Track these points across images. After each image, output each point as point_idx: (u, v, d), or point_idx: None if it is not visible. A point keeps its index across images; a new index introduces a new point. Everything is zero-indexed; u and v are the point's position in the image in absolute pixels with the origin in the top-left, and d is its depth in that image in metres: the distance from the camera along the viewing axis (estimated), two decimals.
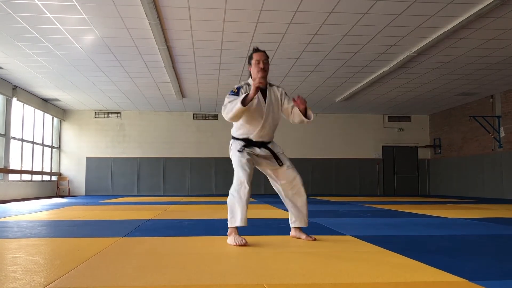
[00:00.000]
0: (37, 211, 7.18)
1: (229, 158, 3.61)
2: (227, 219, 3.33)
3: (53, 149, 14.98)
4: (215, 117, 15.87)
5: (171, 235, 3.90)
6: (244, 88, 3.47)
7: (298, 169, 3.70)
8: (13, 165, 11.90)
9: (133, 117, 15.74)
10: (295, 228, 3.64)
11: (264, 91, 3.53)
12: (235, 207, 3.28)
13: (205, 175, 15.64)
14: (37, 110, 13.40)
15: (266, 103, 3.50)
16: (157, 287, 2.04)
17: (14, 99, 11.72)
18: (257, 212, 6.73)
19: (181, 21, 7.27)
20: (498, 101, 12.71)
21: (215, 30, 7.64)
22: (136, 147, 15.63)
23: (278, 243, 3.42)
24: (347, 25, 7.44)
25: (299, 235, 3.61)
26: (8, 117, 11.56)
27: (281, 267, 2.50)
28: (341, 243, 3.47)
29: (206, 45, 8.48)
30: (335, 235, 3.98)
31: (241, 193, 3.27)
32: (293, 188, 3.59)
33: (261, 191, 15.45)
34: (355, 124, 16.38)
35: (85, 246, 3.26)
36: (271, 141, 3.65)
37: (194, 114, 15.87)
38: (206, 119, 15.87)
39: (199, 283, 2.11)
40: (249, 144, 3.49)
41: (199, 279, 2.19)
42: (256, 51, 3.53)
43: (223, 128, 15.62)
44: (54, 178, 14.99)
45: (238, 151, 3.43)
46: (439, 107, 14.97)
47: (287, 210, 3.71)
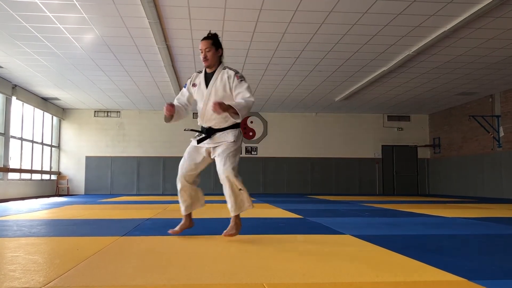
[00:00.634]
0: (36, 210, 7.17)
1: None
2: None
3: (53, 148, 14.97)
4: None
5: (170, 235, 3.89)
6: (192, 78, 3.75)
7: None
8: (13, 164, 11.89)
9: (132, 116, 15.73)
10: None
11: (211, 76, 3.66)
12: (180, 201, 3.78)
13: (204, 175, 15.59)
14: (36, 109, 13.39)
15: (208, 87, 3.60)
16: (157, 286, 2.04)
17: (13, 98, 11.71)
18: (257, 211, 6.73)
19: (180, 20, 7.26)
20: (497, 100, 12.71)
21: (214, 29, 7.61)
22: (135, 146, 15.62)
23: (277, 242, 3.42)
24: (347, 25, 7.44)
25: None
26: (7, 116, 11.55)
27: (281, 266, 2.50)
28: (341, 243, 3.47)
29: None
30: (334, 234, 3.98)
31: (179, 190, 3.76)
32: (220, 177, 3.59)
33: (260, 190, 15.45)
34: (355, 123, 16.38)
35: (84, 245, 3.26)
36: (224, 127, 3.55)
37: (194, 113, 15.84)
38: None
39: (198, 282, 2.11)
40: (201, 133, 3.65)
41: (198, 278, 2.18)
42: (202, 39, 3.67)
43: None
44: (53, 177, 14.99)
45: (187, 151, 3.78)
46: (439, 107, 14.97)
47: (286, 209, 3.71)
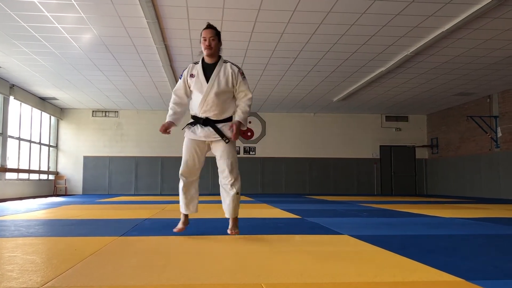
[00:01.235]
0: (34, 210, 7.16)
1: None
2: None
3: (51, 148, 14.95)
4: None
5: (169, 235, 3.89)
6: (188, 68, 3.67)
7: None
8: (10, 164, 11.87)
9: (130, 116, 15.72)
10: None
11: (211, 67, 3.60)
12: (180, 197, 3.74)
13: (203, 174, 15.58)
14: (34, 108, 13.36)
15: (210, 79, 3.55)
16: (155, 286, 2.03)
17: (11, 98, 11.68)
18: (255, 211, 6.73)
19: (179, 20, 7.26)
20: (495, 101, 12.74)
21: None
22: (133, 146, 15.61)
23: (276, 243, 3.42)
24: (345, 25, 7.44)
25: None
26: (5, 116, 11.52)
27: (279, 266, 2.50)
28: (339, 243, 3.47)
29: None
30: (332, 234, 3.98)
31: (181, 186, 3.70)
32: (220, 178, 3.66)
33: (258, 190, 15.45)
34: (353, 123, 16.39)
35: (82, 245, 3.26)
36: (222, 119, 3.61)
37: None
38: None
39: (197, 282, 2.11)
40: (195, 123, 3.62)
41: (197, 278, 2.18)
42: (205, 28, 3.63)
43: None
44: (51, 177, 14.96)
45: (185, 135, 3.69)
46: (437, 107, 15.00)
47: (285, 209, 3.72)
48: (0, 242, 3.44)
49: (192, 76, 3.65)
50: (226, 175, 3.59)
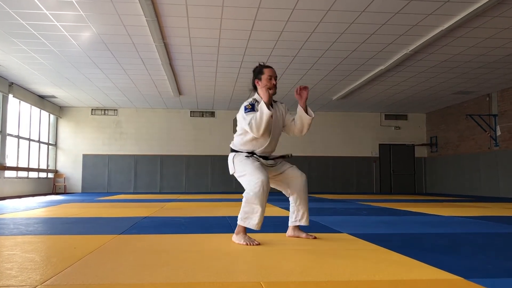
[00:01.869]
0: (33, 208, 7.16)
1: (226, 155, 3.59)
2: (239, 217, 3.26)
3: (50, 146, 14.93)
4: (212, 114, 15.85)
5: (168, 233, 3.89)
6: (256, 104, 3.39)
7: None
8: (9, 162, 11.86)
9: (130, 114, 15.70)
10: (294, 227, 3.61)
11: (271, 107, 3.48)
12: (253, 208, 3.20)
13: (202, 173, 15.64)
14: (33, 107, 13.34)
15: (273, 120, 3.43)
16: (154, 284, 2.03)
17: (10, 96, 11.66)
18: None
19: (178, 18, 7.24)
20: (494, 99, 12.75)
21: (212, 27, 7.63)
22: (133, 145, 15.60)
23: (274, 241, 3.42)
24: (345, 23, 7.44)
25: (298, 234, 3.59)
26: (4, 114, 11.50)
27: (278, 265, 2.50)
28: (338, 241, 3.48)
29: (203, 43, 8.46)
30: (331, 233, 3.98)
31: (259, 194, 3.16)
32: (298, 185, 3.52)
33: None
34: (352, 122, 16.40)
35: (81, 243, 3.26)
36: (276, 156, 3.64)
37: (191, 111, 15.85)
38: (203, 116, 15.85)
39: (196, 281, 2.11)
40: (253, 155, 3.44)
41: (196, 277, 2.18)
42: (267, 66, 3.49)
43: (220, 125, 15.63)
44: (50, 175, 14.95)
45: (246, 157, 3.37)
46: (436, 106, 15.00)
47: (284, 208, 3.71)
48: None
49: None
50: (303, 179, 3.55)
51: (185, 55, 9.29)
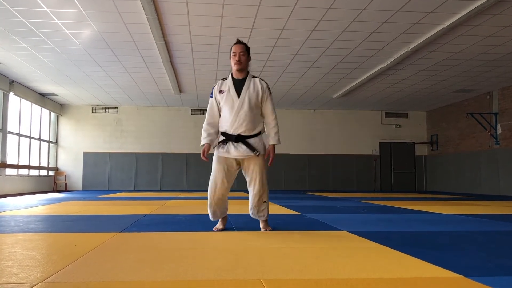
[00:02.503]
0: (34, 206, 7.17)
1: None
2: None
3: (50, 144, 14.94)
4: None
5: (168, 231, 3.90)
6: (217, 85, 3.66)
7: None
8: (10, 160, 11.87)
9: (130, 112, 15.70)
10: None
11: (240, 82, 3.60)
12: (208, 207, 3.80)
13: (202, 171, 15.64)
14: (34, 104, 13.35)
15: (241, 95, 3.55)
16: (154, 282, 2.04)
17: (11, 94, 11.67)
18: None
19: (179, 16, 7.24)
20: (495, 98, 12.73)
21: (213, 25, 7.62)
22: (133, 142, 15.61)
23: (274, 239, 3.42)
24: (345, 21, 7.43)
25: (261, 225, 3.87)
26: (5, 112, 11.51)
27: (278, 262, 2.51)
28: (338, 239, 3.48)
29: (204, 41, 8.45)
30: (332, 230, 3.99)
31: (210, 199, 3.76)
32: (252, 184, 3.72)
33: None
34: (353, 120, 16.39)
35: (82, 241, 3.27)
36: (253, 134, 3.63)
37: (191, 109, 15.84)
38: (203, 114, 15.83)
39: (196, 278, 2.11)
40: (227, 140, 3.61)
41: (196, 274, 2.19)
42: (235, 43, 3.61)
43: None
44: (51, 173, 14.97)
45: (214, 163, 3.76)
46: (437, 104, 14.99)
47: (284, 206, 3.73)
48: (0, 237, 3.45)
49: (221, 92, 3.62)
50: (257, 189, 3.65)
51: (185, 53, 9.28)
